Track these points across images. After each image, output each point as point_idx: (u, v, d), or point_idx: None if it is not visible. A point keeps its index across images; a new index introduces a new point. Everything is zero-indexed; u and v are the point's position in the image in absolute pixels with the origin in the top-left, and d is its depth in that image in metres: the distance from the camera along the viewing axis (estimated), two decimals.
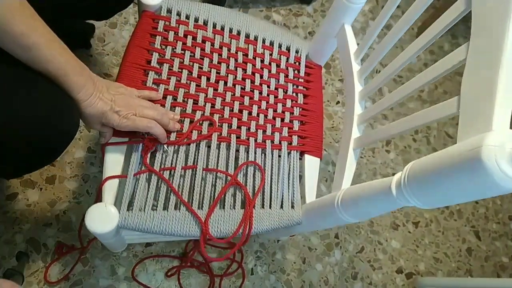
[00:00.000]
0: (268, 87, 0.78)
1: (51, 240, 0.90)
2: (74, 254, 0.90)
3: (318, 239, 1.11)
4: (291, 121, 0.78)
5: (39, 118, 0.51)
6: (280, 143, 0.75)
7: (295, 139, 0.76)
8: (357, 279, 1.10)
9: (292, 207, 0.71)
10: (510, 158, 0.32)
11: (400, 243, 1.20)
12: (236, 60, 0.78)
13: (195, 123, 0.70)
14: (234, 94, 0.75)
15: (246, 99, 0.75)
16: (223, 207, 0.67)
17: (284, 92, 0.79)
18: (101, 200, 0.62)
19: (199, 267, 0.97)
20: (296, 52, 0.83)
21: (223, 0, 1.26)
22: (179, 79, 0.72)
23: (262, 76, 0.79)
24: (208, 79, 0.74)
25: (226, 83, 0.75)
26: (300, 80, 0.82)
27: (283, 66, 0.81)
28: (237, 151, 0.72)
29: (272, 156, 0.74)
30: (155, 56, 0.72)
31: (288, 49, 0.83)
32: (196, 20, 0.78)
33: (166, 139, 0.66)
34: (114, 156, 0.65)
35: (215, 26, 0.79)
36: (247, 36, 0.81)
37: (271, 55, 0.81)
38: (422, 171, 0.39)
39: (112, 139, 0.65)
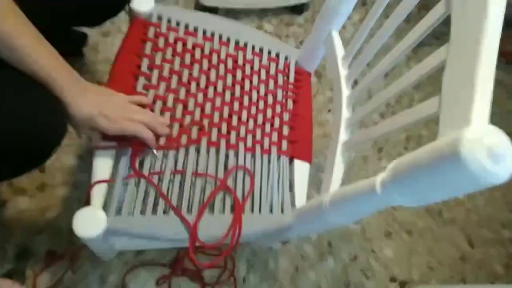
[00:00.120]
0: (258, 92, 0.79)
1: (41, 248, 0.89)
2: (64, 262, 0.89)
3: (310, 246, 1.10)
4: (280, 126, 0.78)
5: (26, 121, 0.51)
6: (269, 148, 0.75)
7: (285, 144, 0.77)
8: (350, 287, 1.09)
9: (281, 211, 0.71)
10: (488, 151, 0.32)
11: (394, 251, 1.19)
12: (226, 66, 0.78)
13: (184, 128, 0.70)
14: (224, 100, 0.76)
15: (236, 104, 0.76)
16: (212, 211, 0.67)
17: (273, 97, 0.80)
18: (89, 204, 0.62)
19: (190, 276, 0.96)
20: (286, 58, 0.84)
21: (215, 11, 1.28)
22: (169, 85, 0.73)
23: (251, 82, 0.79)
24: (198, 85, 0.75)
25: (215, 88, 0.76)
26: (290, 86, 0.83)
27: (272, 72, 0.82)
28: (226, 156, 0.72)
29: (261, 161, 0.74)
30: (145, 61, 0.73)
31: (277, 55, 0.84)
32: (187, 26, 0.79)
33: (155, 143, 0.66)
34: (103, 160, 0.65)
35: (205, 32, 0.80)
36: (237, 42, 0.82)
37: (260, 61, 0.82)
38: (404, 168, 0.39)
39: (100, 144, 0.65)
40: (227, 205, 0.68)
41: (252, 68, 0.81)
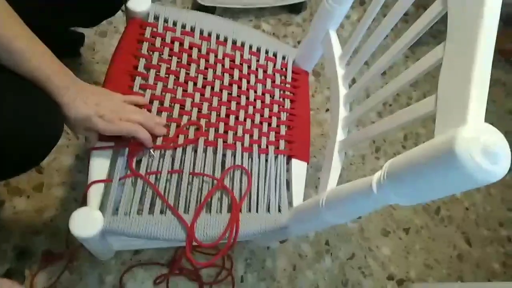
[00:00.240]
0: (255, 92, 0.79)
1: (38, 248, 0.89)
2: (61, 262, 0.89)
3: (308, 245, 1.10)
4: (278, 125, 0.78)
5: (23, 122, 0.51)
6: (267, 147, 0.75)
7: (282, 143, 0.77)
8: (348, 286, 1.10)
9: (279, 210, 0.71)
10: (483, 150, 0.32)
11: (391, 250, 1.20)
12: (223, 65, 0.78)
13: (181, 128, 0.70)
14: (221, 99, 0.75)
15: (233, 104, 0.76)
16: (210, 211, 0.67)
17: (271, 97, 0.80)
18: (86, 204, 0.62)
19: (188, 275, 0.96)
20: (283, 58, 0.84)
21: (213, 10, 1.27)
22: (165, 84, 0.72)
23: (249, 82, 0.79)
24: (195, 84, 0.75)
25: (213, 88, 0.76)
26: (287, 85, 0.83)
27: (270, 71, 0.82)
28: (223, 156, 0.72)
29: (259, 160, 0.74)
30: (141, 61, 0.72)
31: (275, 55, 0.84)
32: (183, 26, 0.78)
33: (152, 143, 0.66)
34: (100, 160, 0.65)
35: (202, 32, 0.79)
36: (234, 42, 0.81)
37: (258, 61, 0.82)
38: (400, 167, 0.39)
39: (97, 144, 0.65)
40: (224, 204, 0.68)
41: (249, 67, 0.81)
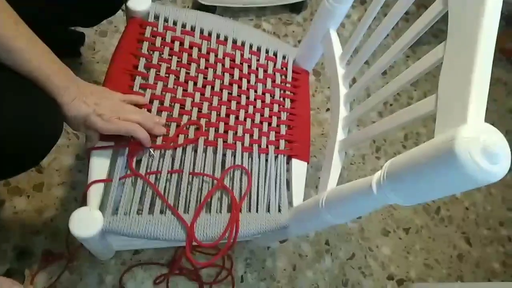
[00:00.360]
0: (255, 92, 0.79)
1: (38, 248, 0.89)
2: (61, 262, 0.89)
3: (308, 245, 1.10)
4: (278, 125, 0.78)
5: (22, 122, 0.51)
6: (267, 147, 0.75)
7: (282, 143, 0.77)
8: (348, 286, 1.10)
9: (279, 210, 0.71)
10: (483, 150, 0.32)
11: (391, 250, 1.19)
12: (223, 65, 0.78)
13: (181, 127, 0.70)
14: (221, 99, 0.75)
15: (233, 103, 0.76)
16: (209, 211, 0.66)
17: (271, 97, 0.80)
18: (86, 204, 0.62)
19: (188, 275, 0.96)
20: (283, 57, 0.84)
21: (214, 10, 1.27)
22: (166, 84, 0.72)
23: (249, 81, 0.79)
24: (195, 84, 0.75)
25: (213, 88, 0.76)
26: (287, 85, 0.82)
27: (270, 71, 0.82)
28: (224, 155, 0.72)
29: (259, 160, 0.74)
30: (142, 61, 0.72)
31: (275, 54, 0.84)
32: (184, 26, 0.78)
33: (150, 143, 0.66)
34: (100, 160, 0.65)
35: (202, 32, 0.79)
36: (234, 41, 0.81)
37: (258, 60, 0.82)
38: (399, 167, 0.39)
39: (97, 143, 0.65)
40: (224, 204, 0.68)
41: (249, 67, 0.80)
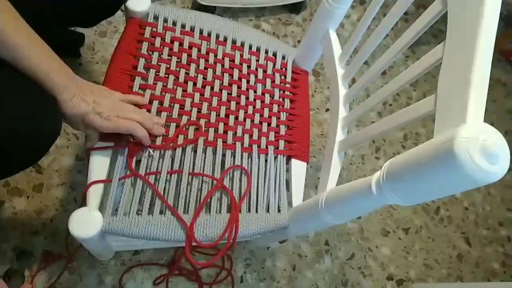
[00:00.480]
0: (255, 92, 0.79)
1: (37, 249, 0.89)
2: (61, 262, 0.89)
3: (308, 245, 1.10)
4: (277, 125, 0.78)
5: (21, 120, 0.51)
6: (266, 147, 0.75)
7: (282, 143, 0.77)
8: (347, 286, 1.10)
9: (278, 211, 0.71)
10: (482, 150, 0.32)
11: (391, 250, 1.20)
12: (223, 65, 0.78)
13: (181, 128, 0.70)
14: (221, 99, 0.75)
15: (233, 104, 0.76)
16: (209, 211, 0.66)
17: (270, 97, 0.80)
18: (86, 205, 0.62)
19: (188, 275, 0.96)
20: (283, 58, 0.84)
21: (213, 10, 1.27)
22: (165, 84, 0.72)
23: (248, 82, 0.79)
24: (194, 84, 0.75)
25: (212, 88, 0.76)
26: (287, 85, 0.83)
27: (269, 71, 0.82)
28: (223, 156, 0.72)
29: (258, 161, 0.74)
30: (141, 61, 0.72)
31: (274, 54, 0.84)
32: (183, 26, 0.78)
33: (149, 142, 0.66)
34: (99, 160, 0.65)
35: (201, 32, 0.79)
36: (234, 42, 0.81)
37: (257, 60, 0.82)
38: (399, 167, 0.39)
39: (97, 144, 0.65)
40: (223, 205, 0.68)
41: (249, 67, 0.80)
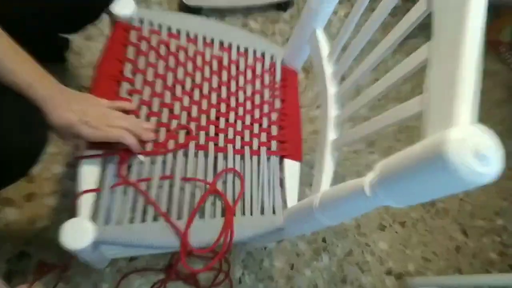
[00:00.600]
0: (245, 93, 0.78)
1: (31, 259, 0.88)
2: (56, 272, 0.88)
3: (305, 244, 1.10)
4: (269, 126, 0.77)
5: (7, 135, 0.50)
6: (259, 148, 0.75)
7: (274, 144, 0.76)
8: (346, 282, 1.09)
9: (273, 212, 0.70)
10: (474, 152, 0.32)
11: (388, 244, 1.20)
12: (211, 67, 0.77)
13: (171, 132, 0.69)
14: (210, 102, 0.75)
15: (223, 106, 0.75)
16: (203, 216, 0.66)
17: (260, 97, 0.79)
18: (77, 215, 0.61)
19: (185, 279, 0.95)
20: (271, 58, 0.84)
21: (199, 11, 1.26)
22: (153, 89, 0.71)
23: (238, 83, 0.78)
24: (183, 88, 0.74)
25: (201, 91, 0.75)
26: (276, 85, 0.82)
27: (258, 72, 0.81)
28: (215, 159, 0.71)
29: (251, 162, 0.73)
30: (128, 66, 0.71)
31: (263, 55, 0.83)
32: (169, 29, 0.77)
33: (140, 149, 0.65)
34: (89, 169, 0.64)
35: (188, 34, 0.78)
36: (221, 43, 0.81)
37: (246, 61, 0.81)
38: (391, 169, 0.39)
39: (86, 152, 0.64)
40: (217, 209, 0.67)
41: (237, 68, 0.80)
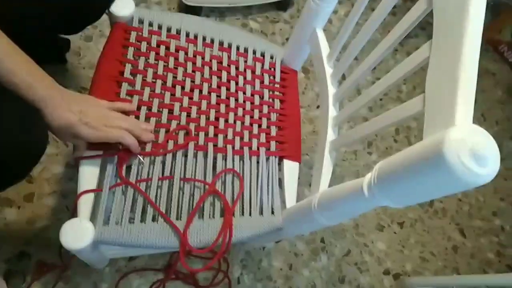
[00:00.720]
0: (244, 93, 0.78)
1: (31, 259, 0.88)
2: (55, 272, 0.88)
3: (304, 244, 1.10)
4: (268, 126, 0.78)
5: (6, 135, 0.50)
6: (258, 149, 0.75)
7: (273, 144, 0.76)
8: (344, 282, 1.10)
9: (272, 212, 0.71)
10: (472, 152, 0.32)
11: (386, 244, 1.20)
12: (211, 68, 0.77)
13: (170, 133, 0.69)
14: (210, 102, 0.75)
15: (222, 106, 0.75)
16: (202, 216, 0.66)
17: (260, 98, 0.79)
18: (77, 215, 0.61)
19: (184, 279, 0.95)
20: (271, 58, 0.84)
21: (199, 10, 1.26)
22: (153, 89, 0.71)
23: (237, 83, 0.78)
24: (182, 88, 0.74)
25: (201, 91, 0.75)
26: (276, 85, 0.82)
27: (258, 72, 0.81)
28: (214, 159, 0.71)
29: (250, 163, 0.73)
30: (128, 67, 0.71)
31: (262, 55, 0.83)
32: (169, 29, 0.77)
33: (139, 149, 0.65)
34: (89, 169, 0.64)
35: (188, 35, 0.78)
36: (221, 43, 0.81)
37: (245, 61, 0.81)
38: (389, 170, 0.39)
39: (86, 153, 0.64)
40: (216, 209, 0.67)
41: (237, 68, 0.80)
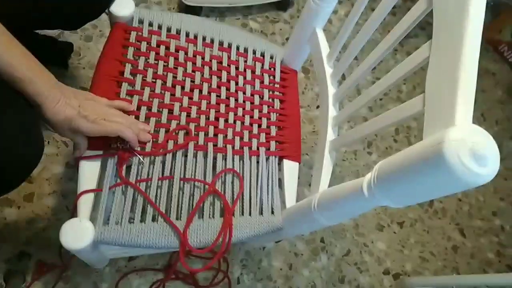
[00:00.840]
0: (244, 93, 0.78)
1: (31, 259, 0.88)
2: (55, 272, 0.88)
3: (304, 244, 1.10)
4: (268, 126, 0.78)
5: (4, 144, 0.49)
6: (258, 149, 0.75)
7: (273, 144, 0.76)
8: (344, 282, 1.10)
9: (272, 212, 0.71)
10: (472, 152, 0.32)
11: (386, 244, 1.20)
12: (211, 68, 0.77)
13: (170, 133, 0.69)
14: (210, 102, 0.75)
15: (222, 106, 0.75)
16: (202, 216, 0.66)
17: (260, 98, 0.79)
18: (77, 215, 0.61)
19: (184, 279, 0.95)
20: (271, 58, 0.84)
21: (199, 10, 1.26)
22: (153, 89, 0.71)
23: (237, 83, 0.78)
24: (182, 88, 0.74)
25: (201, 91, 0.75)
26: (276, 85, 0.82)
27: (258, 72, 0.81)
28: (214, 159, 0.71)
29: (250, 163, 0.73)
30: (128, 67, 0.71)
31: (262, 55, 0.83)
32: (169, 29, 0.77)
33: (138, 145, 0.65)
34: (89, 169, 0.64)
35: (188, 35, 0.78)
36: (221, 43, 0.81)
37: (245, 61, 0.81)
38: (389, 170, 0.39)
39: (86, 153, 0.64)
40: (216, 209, 0.67)
41: (237, 68, 0.80)
